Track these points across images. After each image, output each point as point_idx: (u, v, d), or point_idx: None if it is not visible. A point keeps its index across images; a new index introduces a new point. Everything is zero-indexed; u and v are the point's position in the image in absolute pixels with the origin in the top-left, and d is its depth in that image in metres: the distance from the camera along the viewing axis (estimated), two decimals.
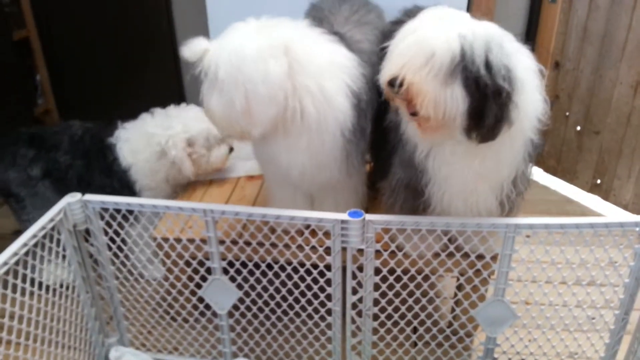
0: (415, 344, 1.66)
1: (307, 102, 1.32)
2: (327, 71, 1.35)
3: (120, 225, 1.48)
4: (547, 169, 2.85)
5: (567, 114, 2.65)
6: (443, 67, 1.04)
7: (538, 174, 2.90)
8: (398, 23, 1.58)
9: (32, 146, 1.91)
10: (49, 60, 3.11)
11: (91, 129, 2.00)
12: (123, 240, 1.51)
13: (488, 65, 1.04)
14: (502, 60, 1.05)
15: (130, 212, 1.45)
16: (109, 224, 1.47)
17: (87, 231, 1.48)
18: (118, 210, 1.46)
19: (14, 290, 1.25)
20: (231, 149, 2.01)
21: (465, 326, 1.50)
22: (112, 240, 1.49)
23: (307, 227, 1.43)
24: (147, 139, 1.88)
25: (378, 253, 1.37)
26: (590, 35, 2.44)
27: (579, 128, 2.61)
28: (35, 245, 1.33)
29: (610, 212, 2.54)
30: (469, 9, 2.37)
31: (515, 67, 1.08)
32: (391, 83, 1.10)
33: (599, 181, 2.58)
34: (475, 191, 1.29)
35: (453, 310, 1.71)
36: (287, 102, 1.31)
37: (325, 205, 1.62)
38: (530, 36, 2.66)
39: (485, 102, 1.06)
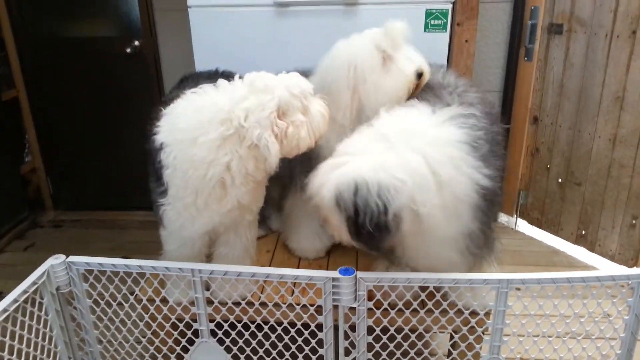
0: None
1: None
2: None
3: (105, 287, 1.44)
4: (532, 221, 2.88)
5: (548, 166, 2.71)
6: (329, 209, 1.27)
7: (523, 226, 2.92)
8: None
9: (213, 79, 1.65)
10: (38, 119, 3.12)
11: None
12: (107, 303, 1.46)
13: (356, 207, 1.21)
14: (369, 199, 1.20)
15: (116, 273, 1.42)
16: (93, 286, 1.43)
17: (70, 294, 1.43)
18: (103, 272, 1.42)
19: None
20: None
21: None
22: (96, 302, 1.45)
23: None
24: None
25: (370, 311, 1.34)
26: (567, 91, 2.54)
27: (560, 180, 2.67)
28: (16, 310, 1.28)
29: (597, 263, 2.56)
30: (448, 67, 2.46)
31: (395, 194, 1.20)
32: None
33: (583, 232, 2.61)
34: (428, 251, 1.40)
35: None
36: None
37: None
38: (508, 93, 2.77)
39: (358, 233, 1.25)
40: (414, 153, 1.26)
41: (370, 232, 1.22)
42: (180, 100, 1.42)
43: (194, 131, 1.34)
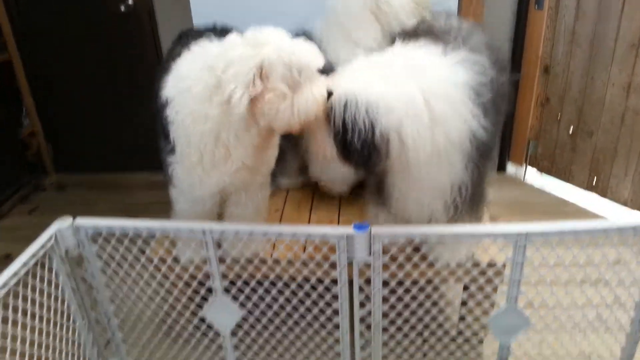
0: (424, 355, 1.61)
1: None
2: None
3: (114, 248, 1.42)
4: (541, 170, 2.84)
5: (559, 116, 2.65)
6: (321, 125, 1.29)
7: (532, 177, 2.89)
8: None
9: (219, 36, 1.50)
10: (33, 82, 3.04)
11: None
12: (118, 264, 1.44)
13: (344, 122, 1.22)
14: (357, 116, 1.21)
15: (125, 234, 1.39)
16: (102, 248, 1.41)
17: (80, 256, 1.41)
18: (112, 234, 1.39)
19: (5, 322, 1.18)
20: (329, 94, 1.28)
21: (476, 333, 1.46)
22: (107, 263, 1.43)
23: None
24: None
25: (385, 265, 1.32)
26: (579, 38, 2.45)
27: (571, 130, 2.61)
28: (27, 274, 1.26)
29: (608, 211, 2.53)
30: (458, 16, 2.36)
31: (384, 114, 1.20)
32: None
33: (595, 180, 2.58)
34: (412, 196, 1.42)
35: (461, 317, 1.66)
36: None
37: None
38: (518, 42, 2.67)
39: (345, 150, 1.26)
40: (413, 83, 1.25)
41: (357, 150, 1.23)
42: (186, 54, 1.35)
43: (189, 81, 1.28)
